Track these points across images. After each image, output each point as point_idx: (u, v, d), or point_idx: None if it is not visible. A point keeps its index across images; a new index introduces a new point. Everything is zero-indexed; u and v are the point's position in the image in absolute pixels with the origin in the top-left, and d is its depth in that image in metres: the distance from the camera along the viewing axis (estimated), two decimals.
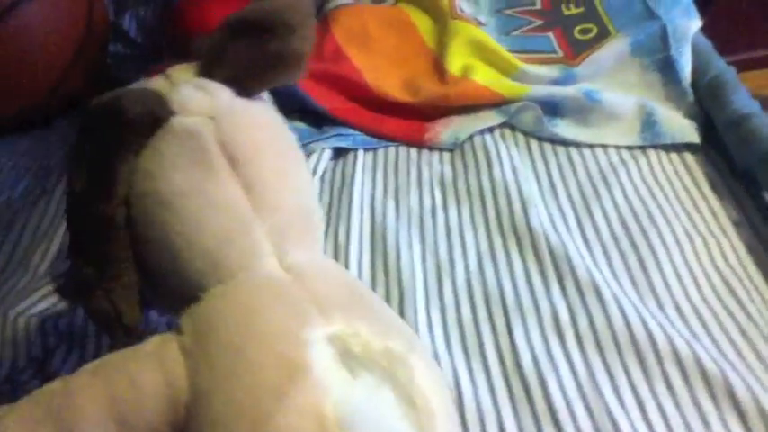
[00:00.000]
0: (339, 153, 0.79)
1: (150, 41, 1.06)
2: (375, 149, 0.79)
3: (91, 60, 0.92)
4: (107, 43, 0.98)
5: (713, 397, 0.51)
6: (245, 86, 0.46)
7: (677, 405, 0.51)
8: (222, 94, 0.44)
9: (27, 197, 0.81)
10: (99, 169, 0.42)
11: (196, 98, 0.44)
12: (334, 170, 0.77)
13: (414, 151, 0.78)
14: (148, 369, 0.38)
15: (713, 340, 0.55)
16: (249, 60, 0.46)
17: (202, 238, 0.41)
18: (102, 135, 0.42)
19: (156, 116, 0.42)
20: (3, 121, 0.90)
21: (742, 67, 1.64)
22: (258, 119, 0.46)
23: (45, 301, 0.64)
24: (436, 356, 0.57)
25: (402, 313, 0.60)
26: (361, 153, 0.78)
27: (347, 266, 0.64)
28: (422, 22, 0.88)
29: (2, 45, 0.81)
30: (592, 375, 0.53)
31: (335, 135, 0.79)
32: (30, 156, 0.88)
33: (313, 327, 0.37)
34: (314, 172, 0.75)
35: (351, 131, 0.80)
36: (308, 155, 0.77)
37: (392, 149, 0.79)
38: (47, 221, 0.76)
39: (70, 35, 0.87)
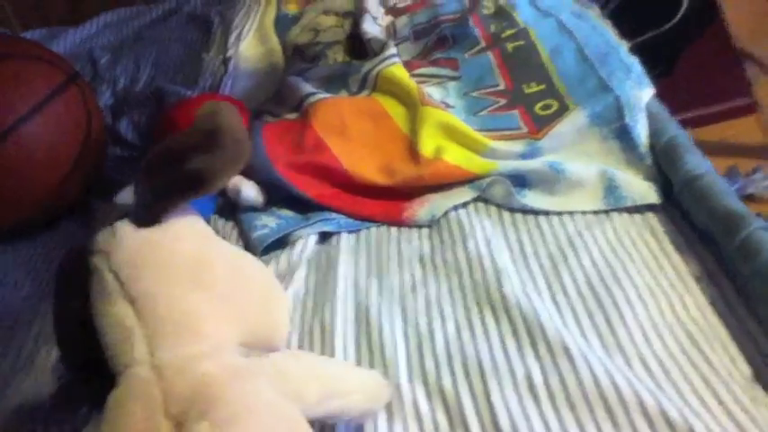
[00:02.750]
0: (324, 237, 0.84)
1: (146, 144, 1.13)
2: (358, 231, 0.84)
3: (89, 166, 0.98)
4: (104, 150, 1.05)
5: None
6: (143, 217, 0.56)
7: None
8: (121, 230, 0.55)
9: (30, 299, 0.86)
10: (64, 307, 0.59)
11: (101, 239, 0.55)
12: (319, 254, 0.82)
13: (394, 230, 0.83)
14: None
15: (677, 390, 0.59)
16: (145, 193, 0.56)
17: (105, 347, 0.52)
18: (61, 285, 0.60)
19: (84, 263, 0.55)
20: (6, 229, 0.95)
21: (712, 119, 1.71)
22: (146, 243, 0.55)
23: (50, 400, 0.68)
24: (422, 428, 0.60)
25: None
26: (344, 235, 0.83)
27: (333, 345, 0.68)
28: (394, 110, 0.95)
29: (3, 162, 0.87)
30: (565, 431, 0.56)
31: (321, 220, 0.84)
32: (32, 259, 0.93)
33: (155, 422, 0.47)
34: (300, 257, 0.80)
35: (334, 215, 0.85)
36: (295, 241, 0.82)
37: (374, 229, 0.84)
38: (49, 322, 0.80)
39: (70, 147, 0.94)
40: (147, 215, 0.56)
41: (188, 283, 0.54)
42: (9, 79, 0.89)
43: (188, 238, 0.57)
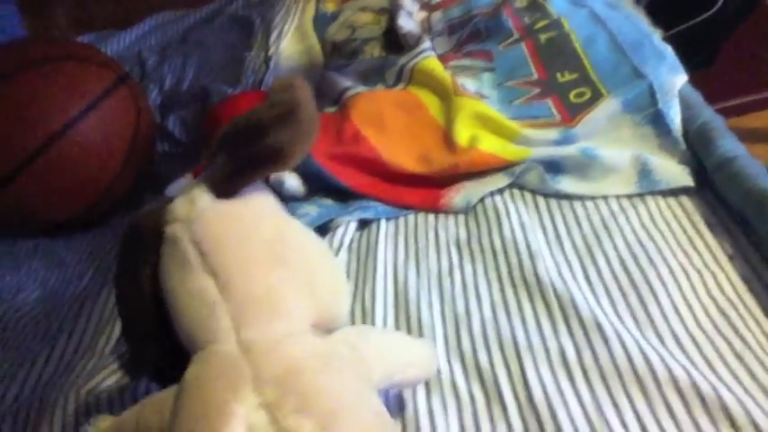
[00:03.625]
0: (363, 224, 0.87)
1: (193, 141, 1.18)
2: (396, 218, 0.87)
3: (139, 162, 1.03)
4: (153, 146, 1.10)
5: (710, 416, 0.55)
6: (223, 189, 0.56)
7: (678, 427, 0.55)
8: (200, 200, 0.55)
9: (91, 289, 0.91)
10: (130, 274, 0.57)
11: (179, 207, 0.55)
12: (359, 240, 0.85)
13: (431, 217, 0.86)
14: (154, 411, 0.53)
15: (709, 365, 0.60)
16: (224, 165, 0.57)
17: (183, 322, 0.52)
18: (128, 249, 0.58)
19: (159, 230, 0.55)
20: (62, 223, 1.01)
21: (756, 106, 1.69)
22: (228, 217, 0.55)
23: (111, 378, 0.72)
24: (459, 402, 0.62)
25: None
26: (383, 222, 0.86)
27: (374, 325, 0.71)
28: (430, 102, 0.97)
29: (60, 159, 0.92)
30: (598, 406, 0.58)
31: (359, 208, 0.87)
32: (90, 252, 0.99)
33: (242, 401, 0.46)
34: (341, 243, 0.83)
35: (373, 204, 0.88)
36: (336, 228, 0.85)
37: (411, 217, 0.87)
38: (109, 309, 0.85)
39: (121, 142, 0.99)
40: (226, 187, 0.56)
41: (269, 261, 0.54)
42: (65, 80, 0.94)
43: (267, 213, 0.57)
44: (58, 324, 0.84)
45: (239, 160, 0.56)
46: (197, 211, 0.54)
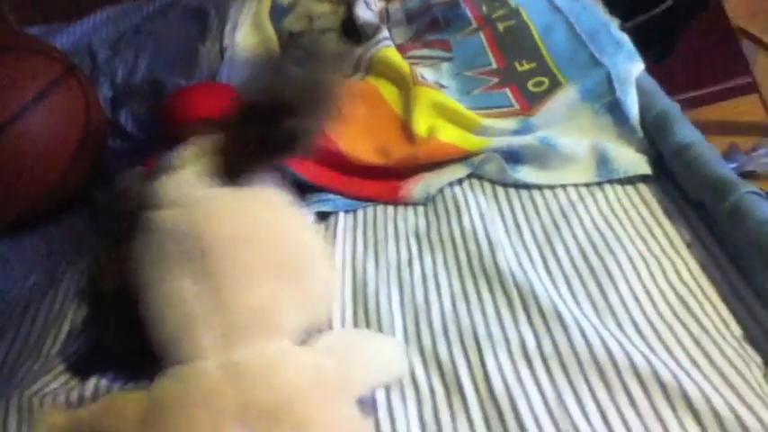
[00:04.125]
0: (322, 217, 0.85)
1: (146, 135, 1.14)
2: (354, 210, 0.85)
3: (90, 156, 0.99)
4: (104, 141, 1.06)
5: (670, 402, 0.55)
6: (233, 172, 0.49)
7: (638, 414, 0.55)
8: (198, 184, 0.48)
9: (37, 290, 0.87)
10: (102, 258, 0.51)
11: (169, 190, 0.48)
12: (317, 232, 0.83)
13: (390, 208, 0.84)
14: (113, 414, 0.47)
15: (669, 351, 0.60)
16: (233, 150, 0.50)
17: (161, 327, 0.46)
18: (103, 231, 0.51)
19: (135, 214, 0.48)
20: (6, 222, 0.97)
21: (713, 99, 1.71)
22: (233, 211, 0.48)
23: (57, 380, 0.69)
24: (419, 395, 0.61)
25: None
26: (341, 215, 0.84)
27: (331, 319, 0.69)
28: (388, 92, 0.96)
29: (6, 153, 0.89)
30: (558, 394, 0.58)
31: (317, 201, 0.85)
32: (36, 250, 0.95)
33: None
34: None
35: (331, 196, 0.86)
36: None
37: (370, 209, 0.85)
38: (56, 308, 0.81)
39: (70, 136, 0.95)
40: (237, 171, 0.50)
41: (270, 265, 0.48)
42: (7, 72, 0.91)
43: (274, 209, 0.52)
44: (2, 325, 0.81)
45: (256, 142, 0.49)
46: (196, 197, 0.47)
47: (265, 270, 0.47)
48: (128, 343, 0.51)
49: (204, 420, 0.41)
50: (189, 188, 0.48)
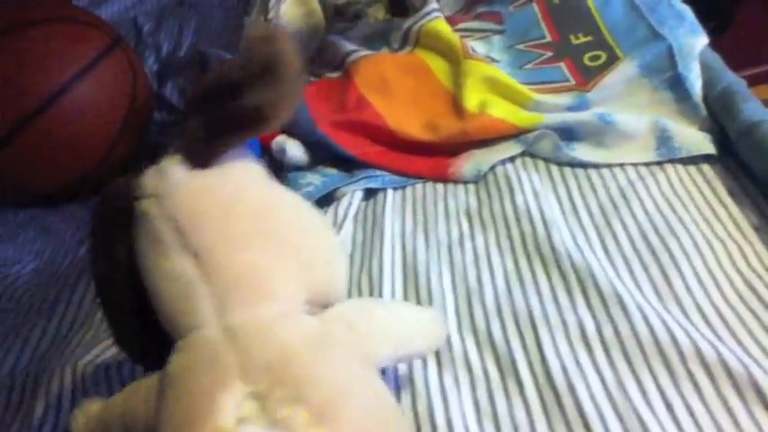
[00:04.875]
0: (369, 194, 0.83)
1: None
2: (403, 187, 0.83)
3: (137, 128, 0.99)
4: (150, 113, 1.06)
5: (739, 392, 0.53)
6: (198, 158, 0.49)
7: (704, 403, 0.53)
8: (173, 172, 0.49)
9: (88, 259, 0.88)
10: (105, 254, 0.51)
11: (149, 181, 0.49)
12: (365, 210, 0.81)
13: (440, 186, 0.82)
14: (141, 399, 0.49)
15: (737, 340, 0.57)
16: (197, 130, 0.50)
17: (161, 306, 0.47)
18: (101, 227, 0.51)
19: (130, 207, 0.49)
20: (57, 192, 0.97)
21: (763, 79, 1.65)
22: (205, 190, 0.48)
23: (109, 351, 0.69)
24: (472, 377, 0.59)
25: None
26: (390, 192, 0.83)
27: (381, 297, 0.68)
28: (437, 66, 0.93)
29: (52, 126, 0.88)
30: (619, 381, 0.55)
31: (365, 177, 0.84)
32: (87, 222, 0.95)
33: (230, 392, 0.42)
34: (346, 213, 0.79)
35: (379, 173, 0.84)
36: (340, 198, 0.82)
37: (419, 186, 0.83)
38: None
39: (116, 110, 0.95)
40: (202, 155, 0.49)
41: (253, 235, 0.48)
42: (59, 42, 0.90)
43: (250, 184, 0.51)
44: (55, 295, 0.81)
45: (214, 124, 0.48)
46: (169, 184, 0.48)
47: (247, 240, 0.48)
48: (143, 341, 0.52)
49: (208, 381, 0.42)
50: (162, 177, 0.49)
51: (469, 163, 0.82)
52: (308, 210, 0.55)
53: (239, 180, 0.50)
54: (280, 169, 0.90)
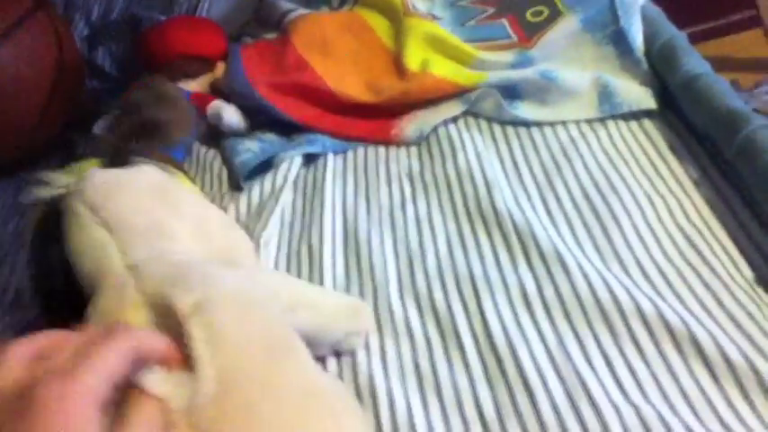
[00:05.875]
0: (310, 159, 0.81)
1: (125, 74, 1.09)
2: (345, 152, 0.81)
3: (66, 97, 0.94)
4: (81, 80, 1.01)
5: (679, 349, 0.52)
6: (113, 160, 0.60)
7: (645, 360, 0.52)
8: (90, 172, 0.57)
9: (16, 234, 0.84)
10: (40, 254, 0.59)
11: (73, 183, 0.56)
12: (305, 176, 0.79)
13: (382, 149, 0.80)
14: None
15: (677, 296, 0.57)
16: (114, 139, 0.63)
17: (84, 269, 0.52)
18: (35, 232, 0.59)
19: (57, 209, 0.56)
20: None
21: (714, 34, 1.65)
22: (114, 175, 0.57)
23: None
24: (414, 343, 0.58)
25: (377, 305, 0.62)
26: (331, 157, 0.80)
27: (321, 266, 0.66)
28: (378, 24, 0.90)
29: None
30: (560, 341, 0.55)
31: (305, 142, 0.81)
32: (14, 196, 0.91)
33: (131, 308, 0.46)
34: (285, 180, 0.77)
35: (320, 137, 0.82)
36: (280, 164, 0.79)
37: (361, 150, 0.81)
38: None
39: (42, 77, 0.90)
40: (117, 158, 0.60)
41: (156, 201, 0.55)
42: None
43: (153, 173, 0.59)
44: None
45: (125, 133, 0.61)
46: (87, 179, 0.55)
47: (153, 204, 0.55)
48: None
49: (116, 299, 0.47)
50: (82, 177, 0.56)
51: (412, 124, 0.80)
52: (210, 207, 0.63)
53: (143, 170, 0.59)
54: (217, 136, 0.87)
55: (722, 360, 0.51)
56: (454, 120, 0.80)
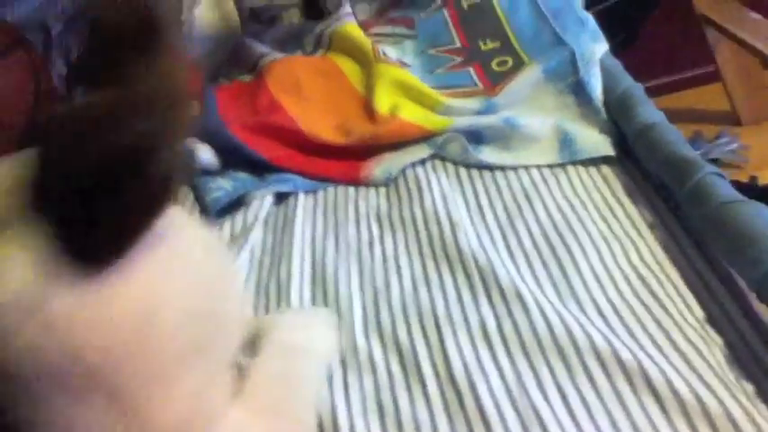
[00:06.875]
0: (281, 198, 0.83)
1: None
2: (315, 191, 0.83)
3: None
4: None
5: (631, 384, 0.54)
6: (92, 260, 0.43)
7: (598, 395, 0.54)
8: (54, 290, 0.37)
9: None
10: None
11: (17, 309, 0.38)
12: (276, 214, 0.81)
13: (351, 189, 0.82)
14: None
15: (630, 333, 0.59)
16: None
17: None
18: None
19: None
20: None
21: (677, 87, 1.71)
22: (111, 314, 0.40)
23: None
24: (377, 378, 0.59)
25: (341, 341, 0.63)
26: (301, 195, 0.82)
27: (289, 301, 0.67)
28: (349, 69, 0.94)
29: None
30: (518, 376, 0.56)
31: (276, 181, 0.83)
32: None
33: None
34: (255, 217, 0.78)
35: (291, 176, 0.84)
36: (251, 202, 0.81)
37: (331, 190, 0.83)
38: None
39: (15, 116, 0.91)
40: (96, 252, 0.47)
41: (185, 360, 0.42)
42: None
43: (170, 290, 0.46)
44: None
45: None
46: (58, 309, 0.34)
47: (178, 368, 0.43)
48: None
49: None
50: (37, 299, 0.44)
51: (381, 166, 0.83)
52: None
53: (156, 286, 0.39)
54: (189, 174, 0.88)
55: (672, 395, 0.53)
56: (422, 162, 0.83)
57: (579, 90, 0.83)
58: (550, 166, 0.79)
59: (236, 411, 0.46)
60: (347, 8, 1.01)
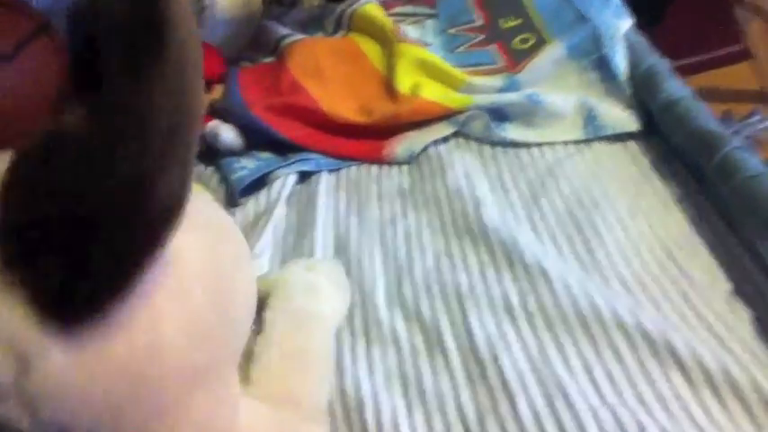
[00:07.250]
0: (304, 177, 0.83)
1: None
2: (338, 170, 0.83)
3: None
4: None
5: (657, 357, 0.54)
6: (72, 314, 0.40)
7: (624, 369, 0.54)
8: (38, 351, 0.34)
9: None
10: None
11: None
12: (299, 193, 0.81)
13: (374, 168, 0.82)
14: None
15: (657, 307, 0.58)
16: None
17: None
18: None
19: None
20: None
21: (706, 66, 1.68)
22: (104, 383, 0.36)
23: None
24: (400, 350, 0.60)
25: (365, 315, 0.63)
26: (324, 174, 0.82)
27: None
28: (370, 49, 0.93)
29: None
30: (542, 348, 0.56)
31: (299, 160, 0.83)
32: None
33: None
34: (279, 195, 0.79)
35: (313, 156, 0.84)
36: (274, 181, 0.81)
37: (353, 168, 0.83)
38: None
39: (44, 101, 0.91)
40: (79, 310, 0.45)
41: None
42: None
43: (166, 333, 0.45)
44: None
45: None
46: (40, 377, 0.30)
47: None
48: None
49: None
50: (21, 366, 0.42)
51: (403, 145, 0.82)
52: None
53: (153, 337, 0.34)
54: (214, 154, 0.89)
55: (699, 368, 0.52)
56: (444, 140, 0.83)
57: (603, 66, 0.82)
58: (575, 142, 0.78)
59: (247, 402, 0.46)
60: None
